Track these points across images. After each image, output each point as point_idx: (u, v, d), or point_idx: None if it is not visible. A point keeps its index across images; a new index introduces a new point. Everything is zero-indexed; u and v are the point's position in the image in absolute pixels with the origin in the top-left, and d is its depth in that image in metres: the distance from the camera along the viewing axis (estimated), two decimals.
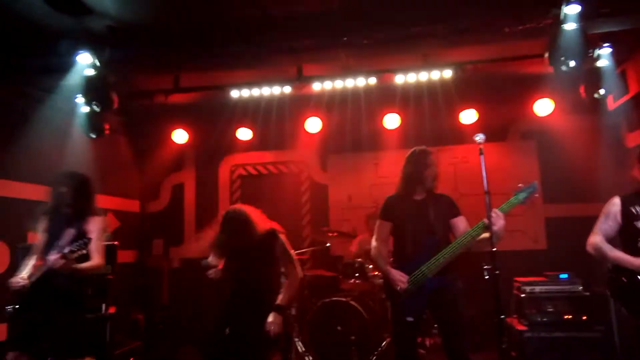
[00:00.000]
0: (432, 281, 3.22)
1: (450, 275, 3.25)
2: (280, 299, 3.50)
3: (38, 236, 3.63)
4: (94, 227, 3.54)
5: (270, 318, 3.42)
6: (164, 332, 6.46)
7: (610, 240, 3.19)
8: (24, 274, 3.39)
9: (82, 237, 3.35)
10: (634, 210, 3.09)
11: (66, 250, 3.20)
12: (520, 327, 4.38)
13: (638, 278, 3.01)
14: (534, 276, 4.76)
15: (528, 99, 5.95)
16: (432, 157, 3.48)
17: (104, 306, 4.88)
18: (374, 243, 3.55)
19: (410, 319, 3.23)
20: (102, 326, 4.68)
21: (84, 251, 3.27)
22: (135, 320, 6.27)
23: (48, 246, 3.45)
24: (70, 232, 3.42)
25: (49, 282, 3.30)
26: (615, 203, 3.21)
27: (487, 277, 2.73)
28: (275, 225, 3.66)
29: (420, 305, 3.25)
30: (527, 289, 4.49)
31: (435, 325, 4.90)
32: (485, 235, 3.02)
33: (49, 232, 3.56)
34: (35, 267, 3.46)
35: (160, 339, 6.35)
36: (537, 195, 3.09)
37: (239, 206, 3.66)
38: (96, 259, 3.46)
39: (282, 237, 3.63)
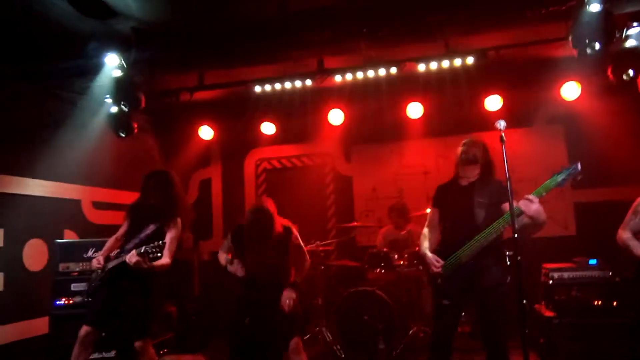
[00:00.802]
0: (468, 266, 3.19)
1: (487, 260, 3.19)
2: (293, 276, 3.82)
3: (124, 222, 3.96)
4: (173, 227, 3.79)
5: (285, 294, 3.67)
6: (195, 323, 6.64)
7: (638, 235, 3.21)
8: (102, 257, 3.75)
9: (160, 236, 3.65)
10: None
11: (142, 249, 3.43)
12: (549, 314, 4.34)
13: None
14: (564, 262, 4.70)
15: (554, 83, 5.84)
16: (464, 143, 3.52)
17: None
18: (424, 230, 3.61)
19: (446, 302, 3.24)
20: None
21: (159, 254, 3.49)
22: (168, 312, 6.45)
23: (129, 235, 3.81)
24: (151, 228, 3.71)
25: (125, 270, 3.55)
26: None
27: (508, 263, 2.71)
28: (286, 222, 3.95)
29: (456, 289, 3.23)
30: (556, 275, 4.43)
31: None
32: (527, 220, 2.98)
33: (132, 221, 3.89)
34: (113, 252, 3.82)
35: (192, 330, 6.53)
36: (580, 176, 3.00)
37: (263, 203, 3.86)
38: (166, 259, 3.66)
39: (295, 230, 3.93)
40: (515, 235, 2.74)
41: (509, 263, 2.78)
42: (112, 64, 4.75)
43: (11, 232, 4.55)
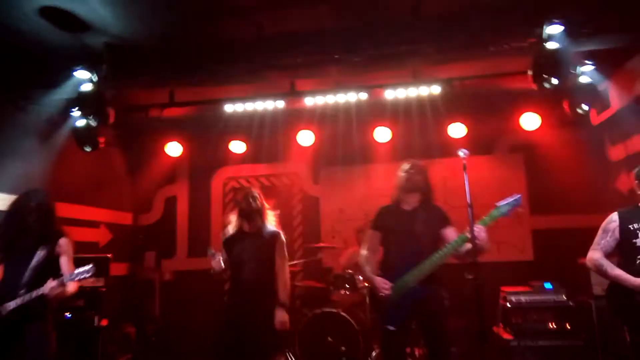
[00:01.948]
0: (415, 290, 3.24)
1: (433, 285, 3.28)
2: (281, 296, 3.80)
3: None
4: (65, 248, 3.48)
5: (278, 316, 3.71)
6: (155, 345, 6.47)
7: (609, 256, 3.20)
8: None
9: (53, 259, 3.38)
10: (632, 228, 3.11)
11: (74, 275, 3.25)
12: (506, 336, 4.47)
13: (637, 298, 3.02)
14: (521, 286, 4.86)
15: (515, 113, 6.11)
16: (410, 164, 3.59)
17: (96, 319, 4.92)
18: (363, 252, 3.61)
19: (391, 327, 3.25)
20: (95, 338, 4.72)
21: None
22: (127, 332, 6.27)
23: (11, 264, 3.37)
24: (40, 254, 3.36)
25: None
26: (614, 219, 3.22)
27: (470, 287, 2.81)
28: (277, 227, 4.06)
29: (403, 315, 3.26)
30: (513, 298, 4.59)
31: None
32: (469, 246, 3.09)
33: (9, 247, 3.42)
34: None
35: (151, 351, 6.35)
36: (521, 208, 3.17)
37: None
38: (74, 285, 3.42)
39: (283, 237, 4.04)
40: (476, 261, 2.84)
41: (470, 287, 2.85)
42: (82, 77, 4.69)
43: None
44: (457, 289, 5.65)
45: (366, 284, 5.26)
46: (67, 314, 4.84)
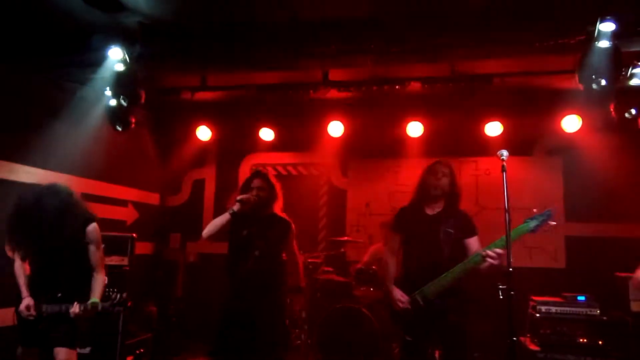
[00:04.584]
0: (434, 303, 3.12)
1: (453, 297, 3.13)
2: (297, 280, 3.66)
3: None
4: (93, 235, 3.47)
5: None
6: (175, 325, 6.53)
7: None
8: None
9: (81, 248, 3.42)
10: None
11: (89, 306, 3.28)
12: (533, 347, 4.30)
13: None
14: (550, 295, 4.67)
15: (555, 115, 5.86)
16: (439, 166, 3.36)
17: (118, 296, 4.96)
18: (384, 257, 3.51)
19: (409, 338, 3.16)
20: (116, 317, 4.77)
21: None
22: (149, 312, 6.35)
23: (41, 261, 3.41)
24: (68, 247, 3.38)
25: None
26: None
27: (501, 297, 2.67)
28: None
29: (421, 325, 3.15)
30: (543, 308, 4.40)
31: None
32: (486, 264, 2.97)
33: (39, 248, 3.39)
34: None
35: (171, 331, 6.42)
36: (552, 222, 2.99)
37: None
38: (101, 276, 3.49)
39: (293, 226, 3.72)
40: (510, 270, 2.69)
41: (501, 296, 2.71)
42: (115, 57, 4.70)
43: None
44: (485, 293, 5.57)
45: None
46: None
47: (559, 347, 4.22)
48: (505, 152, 2.87)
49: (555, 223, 2.95)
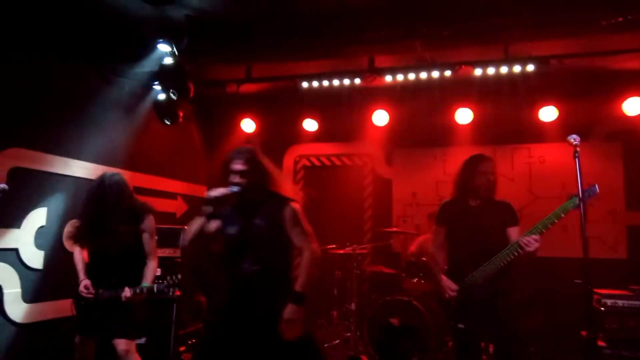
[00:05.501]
0: (484, 287, 3.11)
1: (502, 282, 3.11)
2: (297, 283, 2.69)
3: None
4: (148, 224, 3.57)
5: (286, 313, 2.61)
6: None
7: None
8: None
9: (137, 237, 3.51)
10: None
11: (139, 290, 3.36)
12: (600, 343, 4.09)
13: None
14: (612, 287, 4.44)
15: (616, 97, 5.55)
16: (488, 165, 3.30)
17: (173, 278, 5.05)
18: (430, 249, 3.49)
19: (461, 325, 3.14)
20: (170, 307, 4.85)
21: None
22: (198, 302, 6.44)
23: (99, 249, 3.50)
24: (125, 235, 3.46)
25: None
26: None
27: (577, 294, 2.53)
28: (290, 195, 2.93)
29: (472, 313, 3.13)
30: (609, 302, 4.17)
31: None
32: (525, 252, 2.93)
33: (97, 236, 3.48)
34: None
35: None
36: (594, 197, 2.89)
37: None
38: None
39: (296, 206, 2.84)
40: (588, 261, 2.53)
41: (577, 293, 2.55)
42: (164, 51, 4.74)
43: (53, 212, 4.59)
44: (542, 285, 5.34)
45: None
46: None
47: (627, 343, 3.99)
48: (575, 137, 2.70)
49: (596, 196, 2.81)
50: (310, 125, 6.70)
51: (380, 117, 6.27)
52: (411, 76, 5.30)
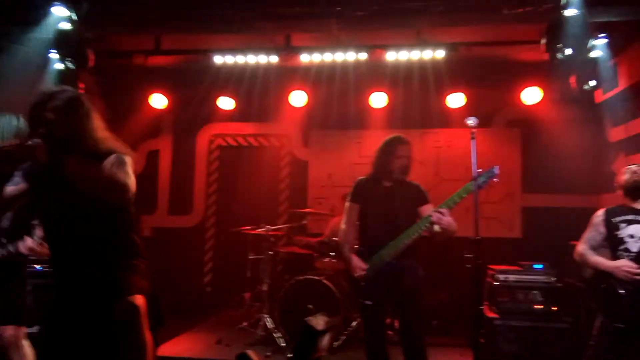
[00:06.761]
0: (390, 265, 3.21)
1: (409, 259, 3.24)
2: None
3: None
4: None
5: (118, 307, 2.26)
6: None
7: (597, 250, 3.34)
8: None
9: None
10: (614, 220, 3.28)
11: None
12: (491, 315, 4.39)
13: (611, 281, 3.15)
14: (507, 264, 4.78)
15: (516, 86, 5.91)
16: (406, 148, 3.38)
17: None
18: (342, 226, 3.50)
19: (368, 302, 3.22)
20: None
21: None
22: None
23: None
24: None
25: None
26: (599, 215, 3.36)
27: (468, 266, 2.66)
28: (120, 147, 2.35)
29: (379, 289, 3.23)
30: (501, 277, 4.47)
31: None
32: (437, 229, 3.04)
33: None
34: None
35: None
36: (495, 179, 3.04)
37: None
38: None
39: (128, 159, 2.31)
40: (479, 237, 2.67)
41: (468, 265, 2.70)
42: (60, 15, 4.32)
43: None
44: (444, 263, 5.63)
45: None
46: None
47: (516, 314, 4.32)
48: (473, 119, 2.84)
49: (496, 181, 2.97)
50: (225, 103, 6.50)
51: (298, 98, 6.23)
52: (327, 57, 5.29)
